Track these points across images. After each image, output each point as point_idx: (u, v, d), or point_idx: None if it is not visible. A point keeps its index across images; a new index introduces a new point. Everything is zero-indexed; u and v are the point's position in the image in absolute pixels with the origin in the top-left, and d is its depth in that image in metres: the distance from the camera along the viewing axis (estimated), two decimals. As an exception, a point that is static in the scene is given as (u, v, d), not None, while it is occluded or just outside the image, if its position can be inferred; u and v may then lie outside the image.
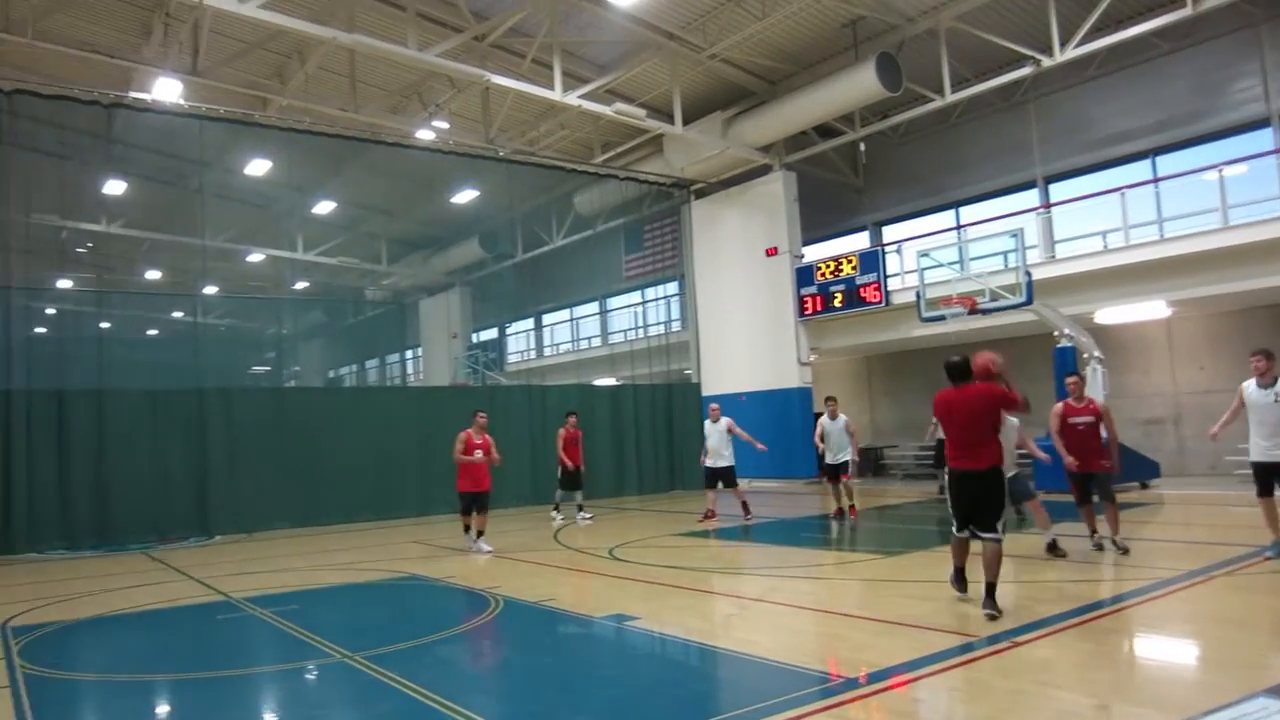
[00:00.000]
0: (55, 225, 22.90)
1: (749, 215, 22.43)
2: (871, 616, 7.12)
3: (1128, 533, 11.45)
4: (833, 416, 14.13)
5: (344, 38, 15.07)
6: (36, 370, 15.25)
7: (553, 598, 8.63)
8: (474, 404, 19.22)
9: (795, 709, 4.81)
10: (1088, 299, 17.38)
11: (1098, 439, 9.61)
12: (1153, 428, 19.36)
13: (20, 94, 15.26)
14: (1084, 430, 9.58)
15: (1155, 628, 6.65)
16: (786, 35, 18.93)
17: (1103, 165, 19.58)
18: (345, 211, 28.08)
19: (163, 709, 5.89)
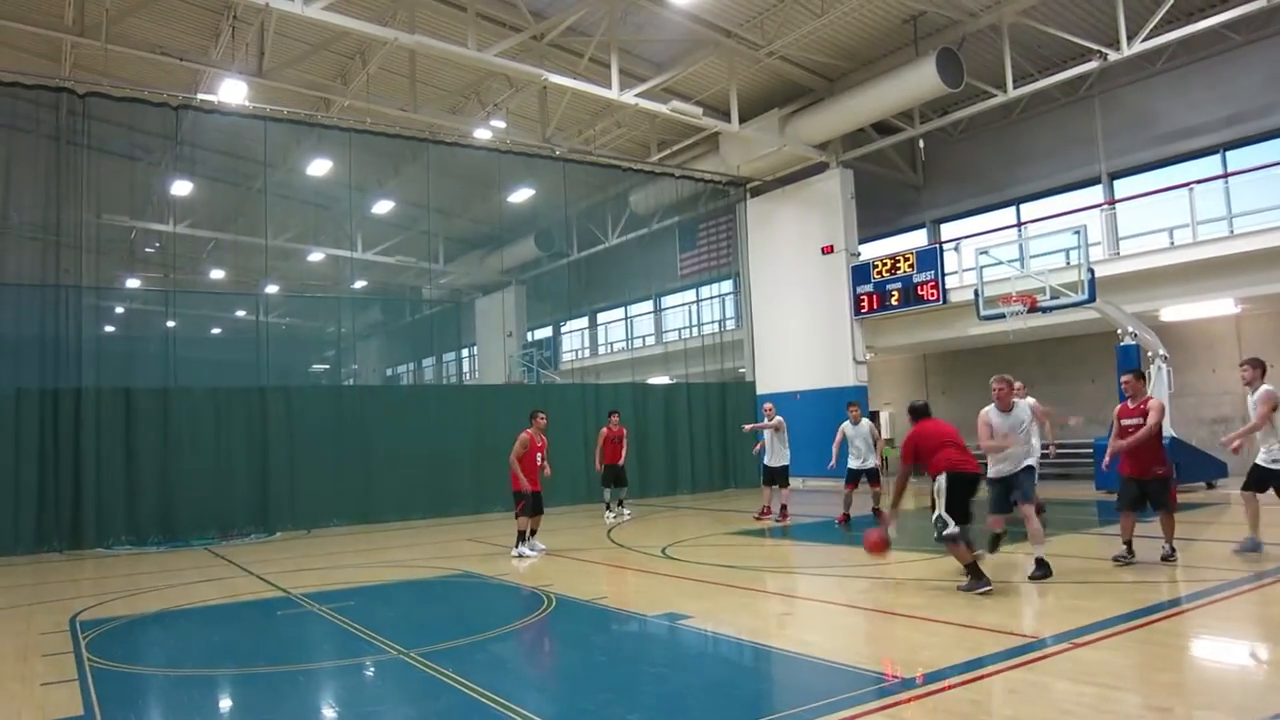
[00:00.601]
0: (124, 225, 23.59)
1: (805, 213, 22.27)
2: (927, 617, 7.02)
3: (1194, 534, 11.20)
4: (855, 422, 14.02)
5: (405, 38, 15.27)
6: (105, 368, 15.69)
7: (605, 596, 8.66)
8: (530, 403, 19.40)
9: (850, 709, 4.77)
10: (1153, 296, 16.96)
11: (1153, 442, 8.97)
12: (1219, 427, 18.79)
13: (94, 96, 15.72)
14: (1135, 432, 8.94)
15: (1218, 630, 6.47)
16: (845, 32, 18.75)
17: (1170, 161, 19.07)
18: (403, 210, 28.47)
19: (224, 703, 6.03)
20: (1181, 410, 17.98)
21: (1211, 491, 15.71)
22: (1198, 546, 10.62)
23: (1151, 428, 8.75)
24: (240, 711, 5.80)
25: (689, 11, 17.31)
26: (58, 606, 9.22)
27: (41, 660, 6.83)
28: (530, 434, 11.86)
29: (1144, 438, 8.80)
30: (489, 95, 21.11)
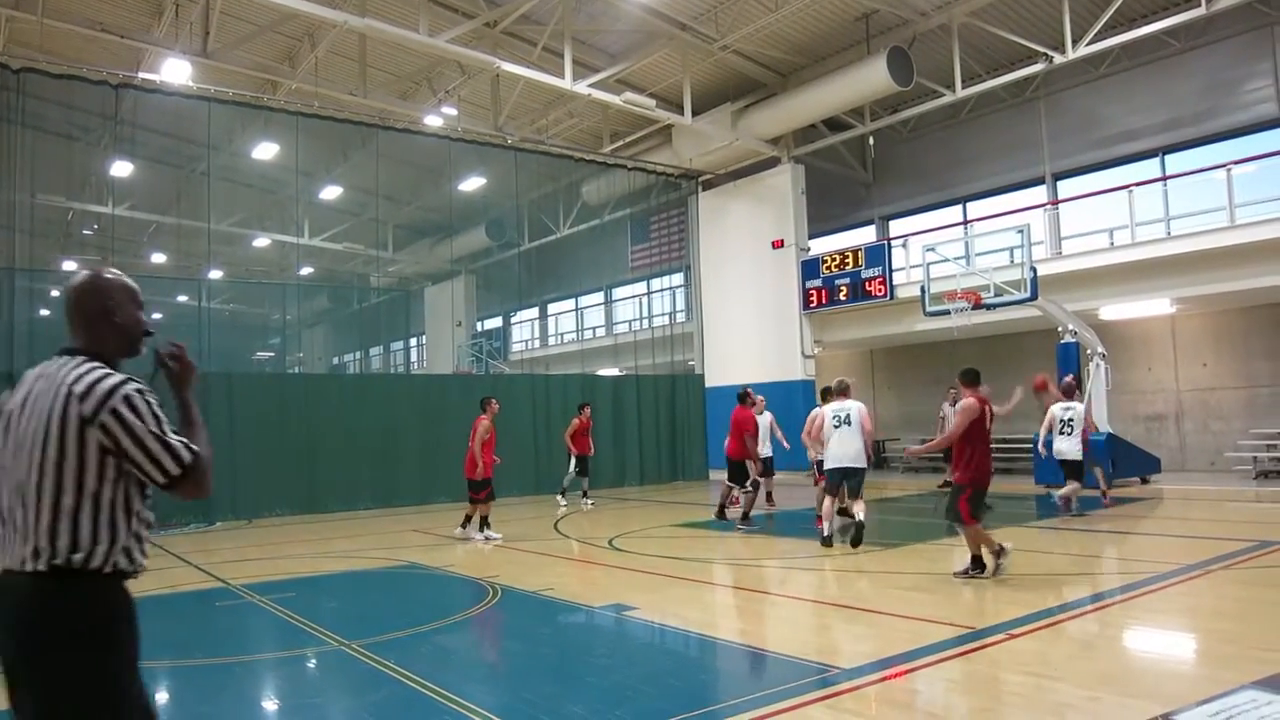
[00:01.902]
0: (61, 206, 22.98)
1: (756, 207, 22.40)
2: (870, 608, 7.13)
3: (1127, 527, 11.50)
4: None
5: (355, 22, 15.04)
6: (39, 353, 14.99)
7: (551, 587, 8.64)
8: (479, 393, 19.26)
9: (793, 699, 4.82)
10: (1093, 295, 17.35)
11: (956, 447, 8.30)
12: (1154, 424, 19.35)
13: (29, 72, 15.17)
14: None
15: (1151, 621, 6.65)
16: (799, 27, 18.87)
17: (1111, 163, 19.50)
18: (351, 197, 28.07)
19: (160, 696, 5.89)
20: (1118, 407, 18.43)
21: (1145, 486, 16.12)
22: (1132, 540, 10.91)
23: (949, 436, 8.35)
24: (176, 704, 5.68)
25: (643, 3, 17.28)
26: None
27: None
28: (489, 421, 11.92)
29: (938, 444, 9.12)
30: (440, 82, 20.88)
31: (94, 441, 2.44)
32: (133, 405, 2.49)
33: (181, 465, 2.56)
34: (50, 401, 2.45)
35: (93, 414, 2.43)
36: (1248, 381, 18.12)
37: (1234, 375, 18.34)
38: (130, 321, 2.75)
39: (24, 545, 2.41)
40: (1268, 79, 17.31)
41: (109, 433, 2.44)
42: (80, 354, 2.59)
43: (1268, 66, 17.30)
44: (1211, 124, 18.04)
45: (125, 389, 2.51)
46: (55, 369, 2.54)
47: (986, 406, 8.15)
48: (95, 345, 2.65)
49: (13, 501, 2.46)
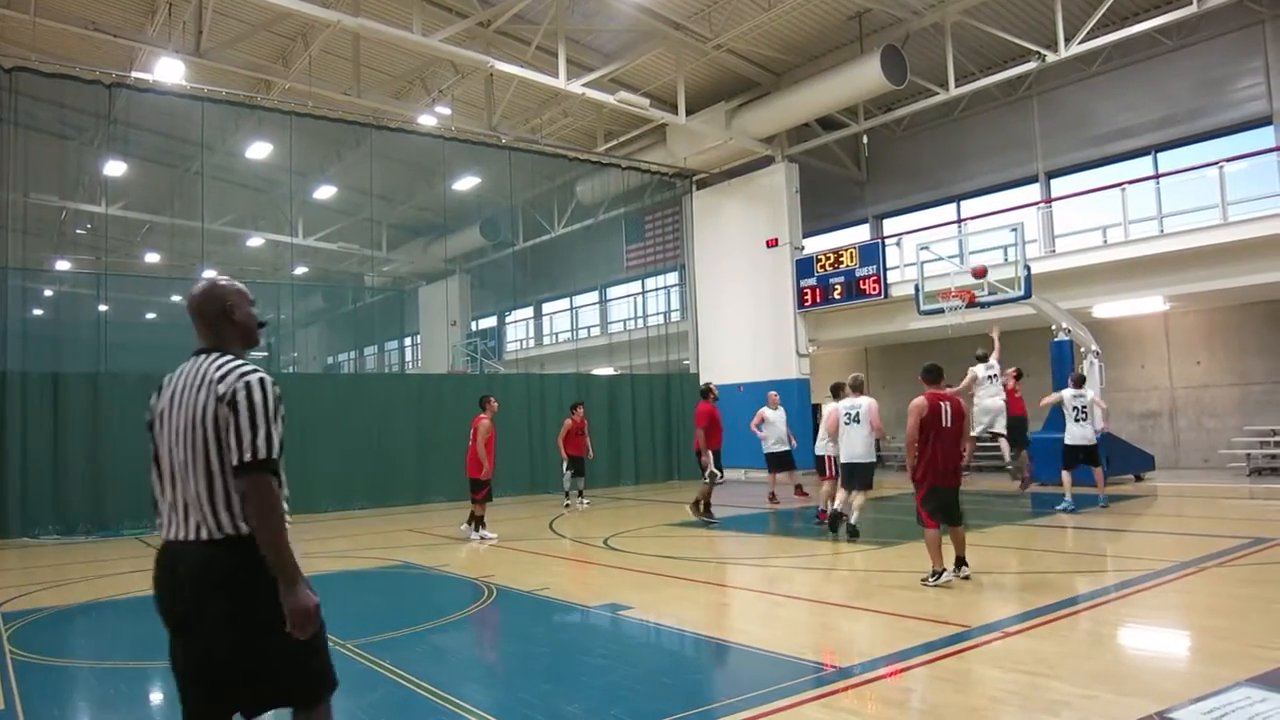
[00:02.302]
0: (54, 206, 22.90)
1: (750, 206, 22.40)
2: (865, 607, 7.14)
3: (1122, 524, 11.55)
4: None
5: (349, 21, 15.01)
6: (32, 353, 15.22)
7: (546, 587, 8.64)
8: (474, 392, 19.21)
9: (788, 698, 4.83)
10: (1086, 293, 17.40)
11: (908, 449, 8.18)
12: (1148, 421, 19.41)
13: (21, 71, 15.11)
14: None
15: (1145, 618, 6.67)
16: (792, 26, 18.87)
17: (1104, 161, 19.55)
18: (345, 197, 28.02)
19: (154, 696, 5.87)
20: (1112, 405, 18.45)
21: (1140, 484, 16.17)
22: (1127, 537, 10.94)
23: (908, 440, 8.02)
24: (170, 705, 5.65)
25: (637, 2, 17.27)
26: (-20, 598, 8.95)
27: (-39, 654, 6.61)
28: (490, 420, 11.98)
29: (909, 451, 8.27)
30: (434, 81, 20.84)
31: (223, 420, 2.80)
32: (261, 386, 2.86)
33: (257, 457, 2.78)
34: (195, 394, 2.86)
35: (225, 393, 2.82)
36: (1241, 379, 18.18)
37: (1227, 372, 18.41)
38: (246, 318, 3.12)
39: (188, 520, 2.85)
40: (1259, 77, 17.37)
41: (233, 405, 2.80)
42: (212, 351, 3.00)
43: (1259, 64, 17.35)
44: (1203, 122, 18.09)
45: (257, 375, 2.88)
46: (194, 367, 2.95)
47: (944, 403, 7.87)
48: (221, 342, 3.04)
49: (174, 483, 2.90)
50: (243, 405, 2.80)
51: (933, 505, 7.78)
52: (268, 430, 2.82)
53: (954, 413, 7.89)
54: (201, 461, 2.82)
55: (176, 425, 2.89)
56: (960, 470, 8.00)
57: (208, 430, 2.82)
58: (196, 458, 2.83)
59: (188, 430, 2.85)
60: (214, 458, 2.82)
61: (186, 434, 2.86)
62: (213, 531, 2.82)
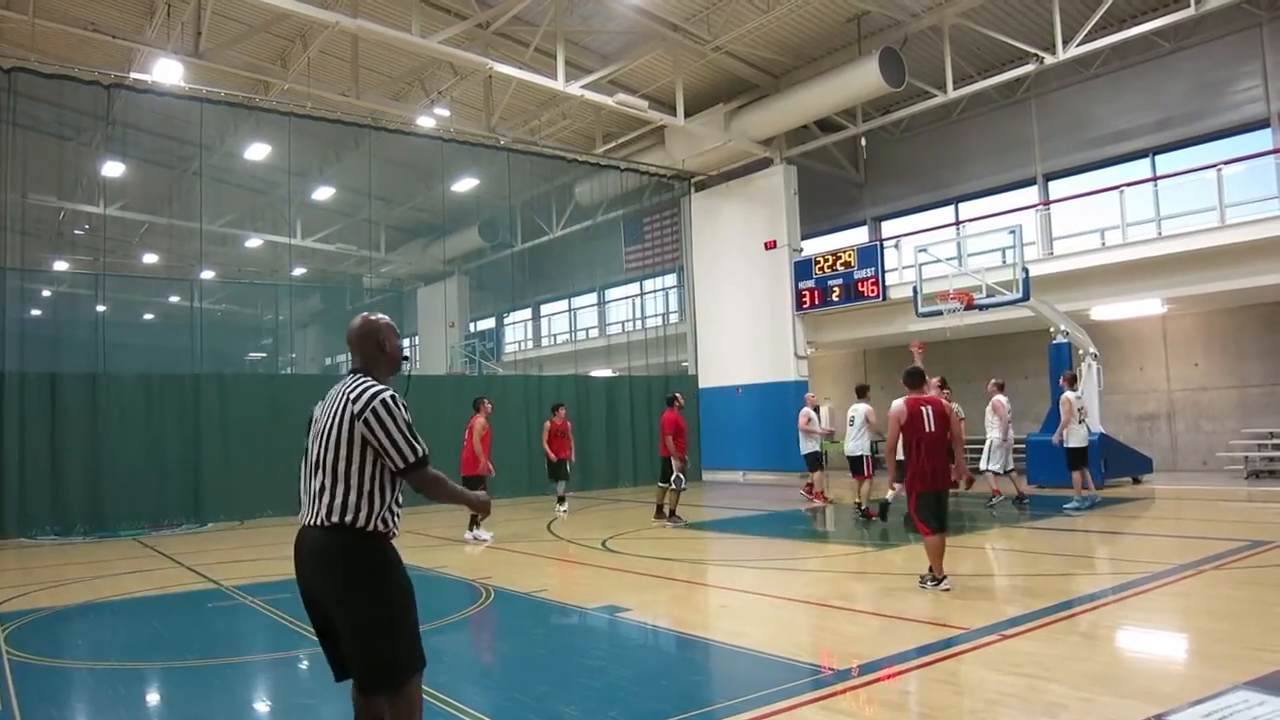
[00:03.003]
0: (53, 206, 22.87)
1: (749, 208, 22.41)
2: (863, 609, 7.14)
3: (1119, 527, 11.55)
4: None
5: (347, 22, 15.01)
6: (31, 353, 15.21)
7: (544, 589, 8.64)
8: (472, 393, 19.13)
9: (786, 700, 4.83)
10: (1084, 295, 17.42)
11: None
12: (1146, 424, 19.43)
13: (20, 72, 15.10)
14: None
15: (1143, 621, 6.67)
16: (790, 29, 18.89)
17: (1102, 163, 19.57)
18: (344, 198, 28.01)
19: (151, 697, 5.87)
20: (1110, 407, 18.50)
21: (1138, 486, 16.18)
22: (1125, 540, 10.94)
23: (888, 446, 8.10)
24: (167, 706, 5.67)
25: (636, 4, 17.28)
26: (-23, 599, 8.94)
27: (-42, 655, 6.60)
28: (485, 419, 12.02)
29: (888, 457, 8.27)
30: (433, 83, 20.84)
31: (359, 434, 3.42)
32: (387, 406, 3.45)
33: (416, 456, 3.47)
34: (336, 405, 3.50)
35: (360, 411, 3.43)
36: (1239, 381, 18.20)
37: (1225, 375, 18.42)
38: (395, 349, 3.76)
39: (316, 507, 3.44)
40: (1256, 79, 17.39)
41: (369, 425, 3.42)
42: (359, 373, 3.64)
43: (1256, 67, 17.38)
44: (1201, 124, 18.12)
45: (384, 395, 3.48)
46: (342, 385, 3.58)
47: (925, 406, 7.80)
48: (369, 366, 3.70)
49: (312, 476, 3.50)
50: (387, 422, 3.43)
51: (926, 510, 7.68)
52: (407, 438, 3.45)
53: (936, 416, 7.80)
54: (330, 461, 3.43)
55: (320, 430, 3.51)
56: (948, 473, 7.86)
57: (342, 439, 3.43)
58: (329, 458, 3.43)
59: (326, 433, 3.47)
60: (343, 463, 3.42)
61: (325, 435, 3.47)
62: (324, 520, 3.40)
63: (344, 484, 3.41)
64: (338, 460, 3.42)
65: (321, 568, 3.42)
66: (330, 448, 3.43)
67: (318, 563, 3.43)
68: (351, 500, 3.40)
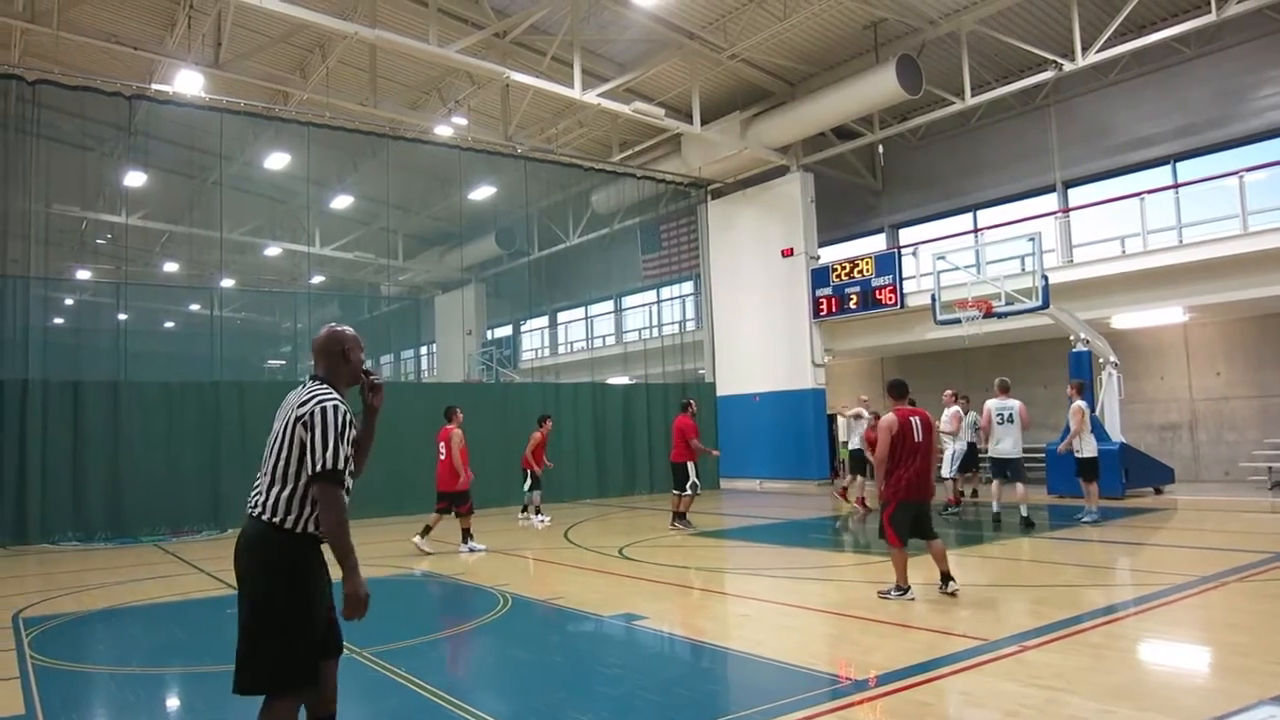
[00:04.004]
0: (76, 216, 23.11)
1: (766, 216, 22.40)
2: (880, 619, 7.09)
3: (1140, 538, 11.44)
4: None
5: (366, 33, 15.12)
6: (54, 361, 15.36)
7: (561, 596, 8.64)
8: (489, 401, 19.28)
9: (803, 710, 4.81)
10: (1104, 304, 17.29)
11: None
12: (1168, 433, 19.24)
13: (44, 84, 15.32)
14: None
15: (1165, 633, 6.60)
16: (807, 36, 18.89)
17: (1123, 170, 19.44)
18: (362, 206, 28.19)
19: (171, 702, 5.92)
20: (1131, 416, 18.35)
21: (1160, 497, 16.03)
22: (1147, 550, 10.84)
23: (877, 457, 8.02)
24: (186, 711, 5.70)
25: (652, 12, 17.33)
26: (0, 603, 9.01)
27: (-19, 659, 6.67)
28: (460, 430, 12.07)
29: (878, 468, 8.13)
30: (451, 92, 20.96)
31: (297, 436, 3.47)
32: (325, 412, 3.49)
33: (326, 468, 3.44)
34: (289, 408, 3.59)
35: (302, 415, 3.49)
36: (1262, 391, 18.01)
37: (1248, 384, 18.23)
38: (357, 362, 3.86)
39: (254, 501, 3.53)
40: (1279, 85, 17.24)
41: (306, 426, 3.47)
42: (320, 380, 3.72)
43: (1279, 73, 17.23)
44: (1223, 131, 17.97)
45: (329, 402, 3.54)
46: (301, 388, 3.67)
47: (914, 418, 7.89)
48: (330, 376, 3.77)
49: (258, 471, 3.59)
50: (316, 425, 3.46)
51: (901, 521, 7.75)
52: (331, 446, 3.45)
53: (924, 427, 7.91)
54: (272, 461, 3.52)
55: (273, 429, 3.59)
56: (932, 484, 7.96)
57: (285, 440, 3.51)
58: (271, 457, 3.53)
59: (275, 436, 3.56)
60: (280, 462, 3.50)
61: (274, 438, 3.56)
62: (258, 513, 3.51)
63: (280, 483, 3.49)
64: (279, 460, 3.50)
65: (244, 557, 3.55)
66: (274, 448, 3.52)
67: (243, 552, 3.56)
68: (283, 499, 3.48)
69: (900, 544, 7.72)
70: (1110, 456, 15.54)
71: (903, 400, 8.15)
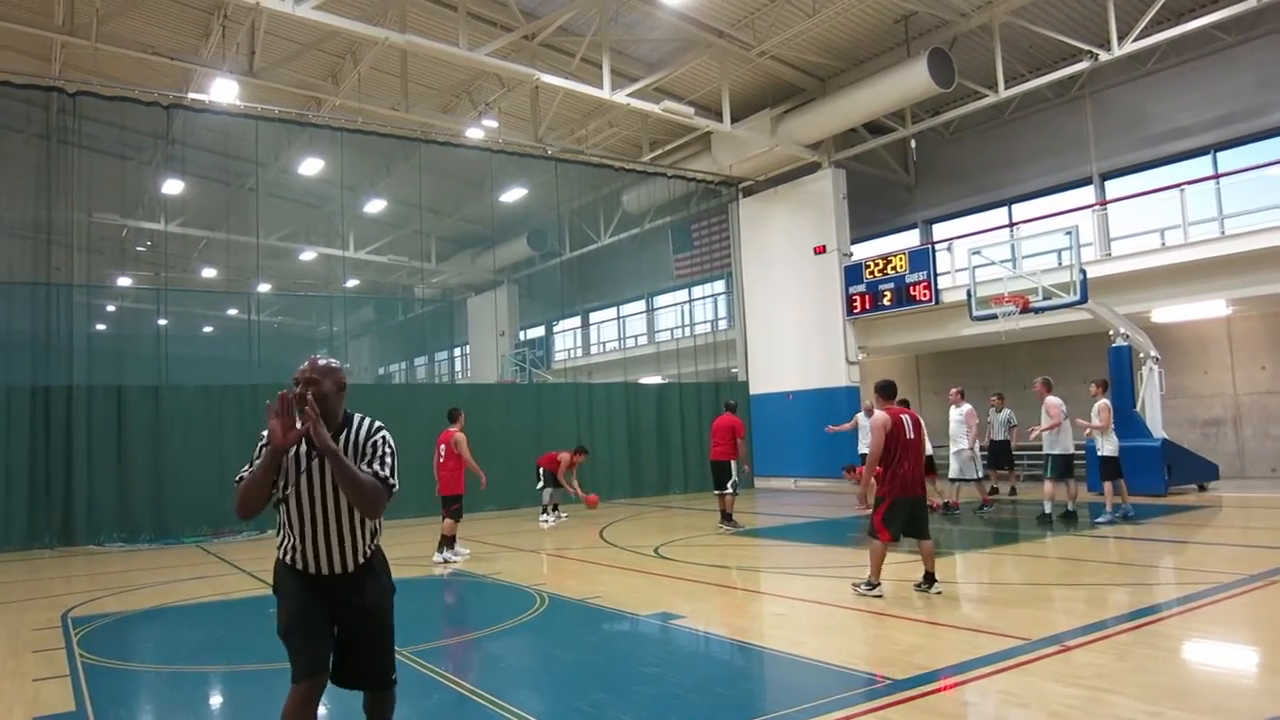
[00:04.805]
0: (115, 224, 23.49)
1: (797, 213, 22.29)
2: (920, 618, 7.04)
3: (1185, 535, 11.24)
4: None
5: (396, 38, 15.23)
6: (97, 366, 15.65)
7: (598, 595, 8.65)
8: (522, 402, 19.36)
9: (842, 710, 4.78)
10: (1144, 297, 17.02)
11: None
12: (1211, 429, 18.91)
13: (84, 96, 15.65)
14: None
15: (1212, 633, 6.48)
16: (837, 31, 18.77)
17: (1161, 161, 19.13)
18: (395, 210, 28.42)
19: (214, 700, 6.01)
20: (1174, 412, 18.05)
21: (1203, 494, 15.76)
22: (1191, 549, 10.65)
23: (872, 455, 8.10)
24: (231, 708, 5.79)
25: (680, 11, 17.30)
26: (49, 602, 9.19)
27: (33, 656, 6.81)
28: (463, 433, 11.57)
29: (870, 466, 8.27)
30: (481, 95, 21.07)
31: None
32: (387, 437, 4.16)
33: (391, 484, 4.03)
34: None
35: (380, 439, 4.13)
36: (1308, 383, 17.64)
37: (1293, 377, 17.87)
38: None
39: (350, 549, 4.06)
40: (1323, 72, 16.90)
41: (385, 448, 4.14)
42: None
43: (1323, 59, 16.88)
44: (1265, 119, 17.60)
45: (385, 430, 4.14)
46: None
47: (905, 416, 8.02)
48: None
49: None
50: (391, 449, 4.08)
51: (894, 518, 7.88)
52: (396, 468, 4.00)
53: (914, 424, 8.07)
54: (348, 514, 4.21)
55: None
56: (923, 481, 8.15)
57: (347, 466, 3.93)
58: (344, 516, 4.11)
59: None
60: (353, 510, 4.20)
61: None
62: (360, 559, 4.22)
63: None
64: None
65: None
66: None
67: None
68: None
69: (890, 539, 7.90)
70: (1152, 453, 15.30)
71: (892, 401, 8.27)
